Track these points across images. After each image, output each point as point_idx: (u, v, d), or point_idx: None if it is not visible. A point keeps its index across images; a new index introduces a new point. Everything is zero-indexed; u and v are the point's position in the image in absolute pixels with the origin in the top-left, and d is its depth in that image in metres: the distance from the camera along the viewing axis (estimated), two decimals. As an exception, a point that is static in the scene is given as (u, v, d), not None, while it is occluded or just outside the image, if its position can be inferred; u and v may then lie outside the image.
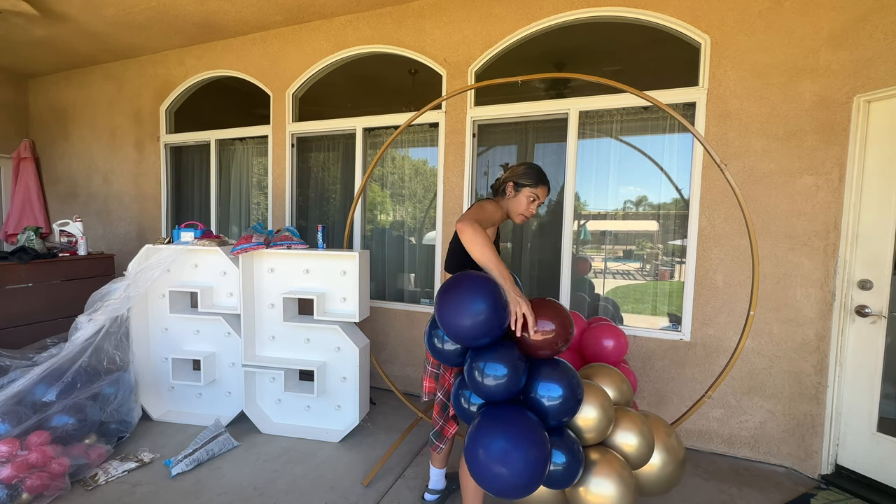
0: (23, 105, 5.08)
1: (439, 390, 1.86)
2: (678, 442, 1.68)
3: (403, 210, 3.68)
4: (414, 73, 3.51)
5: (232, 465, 2.46)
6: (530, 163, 1.90)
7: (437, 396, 1.87)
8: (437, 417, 1.87)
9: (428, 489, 2.17)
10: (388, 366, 3.49)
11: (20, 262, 3.11)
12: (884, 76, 2.18)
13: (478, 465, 1.36)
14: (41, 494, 2.08)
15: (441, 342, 1.65)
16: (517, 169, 1.86)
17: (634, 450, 1.57)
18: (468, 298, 1.41)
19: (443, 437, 1.86)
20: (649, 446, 1.59)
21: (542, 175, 1.86)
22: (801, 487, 2.35)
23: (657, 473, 1.63)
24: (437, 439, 1.88)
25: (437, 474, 2.15)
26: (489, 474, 1.34)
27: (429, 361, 1.91)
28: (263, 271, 2.85)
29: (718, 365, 2.63)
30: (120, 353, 2.72)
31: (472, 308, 1.39)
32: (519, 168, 1.86)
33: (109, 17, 3.53)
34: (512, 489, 1.34)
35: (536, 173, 1.85)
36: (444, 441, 1.88)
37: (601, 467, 1.50)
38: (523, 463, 1.31)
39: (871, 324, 2.26)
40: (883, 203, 2.21)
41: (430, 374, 1.91)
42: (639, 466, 1.60)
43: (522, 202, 1.84)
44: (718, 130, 2.58)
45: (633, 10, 2.72)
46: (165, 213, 4.40)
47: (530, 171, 1.85)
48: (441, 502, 2.16)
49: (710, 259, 2.65)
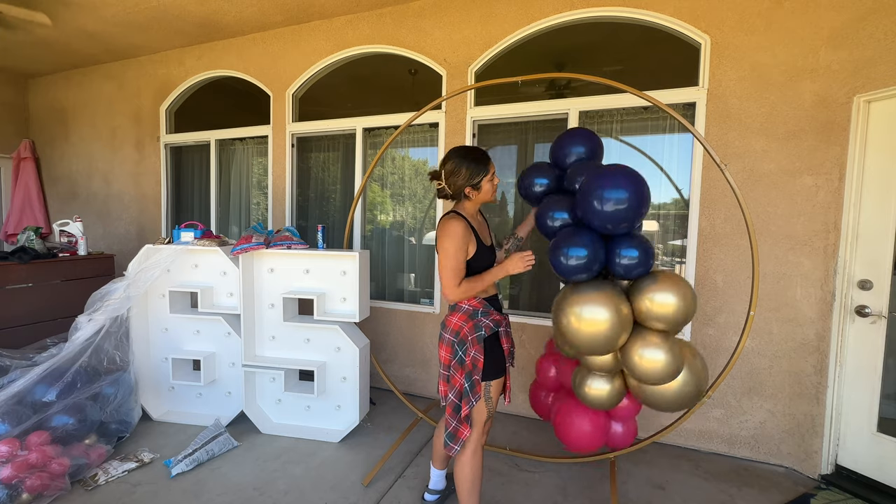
0: (23, 105, 5.08)
1: (450, 391, 1.83)
2: (703, 364, 1.93)
3: (403, 210, 3.68)
4: (414, 73, 3.51)
5: (232, 465, 2.46)
6: (458, 155, 1.81)
7: (449, 398, 1.83)
8: (449, 419, 1.83)
9: (428, 489, 2.17)
10: (388, 366, 3.49)
11: (20, 262, 3.12)
12: (884, 76, 2.18)
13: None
14: (41, 494, 2.08)
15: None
16: (459, 171, 1.79)
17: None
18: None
19: (457, 439, 1.81)
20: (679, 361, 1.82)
21: (478, 155, 1.82)
22: (801, 487, 2.35)
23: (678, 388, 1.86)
24: (451, 441, 1.83)
25: (438, 475, 2.16)
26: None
27: (441, 364, 1.87)
28: (263, 271, 2.85)
29: (718, 365, 2.63)
30: (120, 353, 2.72)
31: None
32: (459, 169, 1.79)
33: (109, 17, 3.53)
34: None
35: (476, 161, 1.80)
36: (459, 443, 1.81)
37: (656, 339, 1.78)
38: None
39: (871, 324, 2.26)
40: (883, 203, 2.21)
41: (442, 378, 1.87)
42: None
43: (487, 190, 1.85)
44: (718, 130, 2.58)
45: (633, 10, 2.72)
46: (165, 213, 4.40)
47: (471, 164, 1.78)
48: (441, 503, 2.17)
49: (710, 259, 2.65)
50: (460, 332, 1.80)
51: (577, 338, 1.80)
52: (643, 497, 2.26)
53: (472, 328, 1.81)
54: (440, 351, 1.87)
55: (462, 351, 1.80)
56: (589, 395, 2.01)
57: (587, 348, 1.81)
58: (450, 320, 1.86)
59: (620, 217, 1.71)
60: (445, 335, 1.85)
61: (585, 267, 1.79)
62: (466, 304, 1.85)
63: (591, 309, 1.76)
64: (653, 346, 1.78)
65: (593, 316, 1.75)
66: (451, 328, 1.84)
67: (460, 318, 1.83)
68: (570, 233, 1.84)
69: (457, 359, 1.81)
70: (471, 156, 1.81)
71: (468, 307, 1.84)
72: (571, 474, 2.43)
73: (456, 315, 1.84)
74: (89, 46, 4.13)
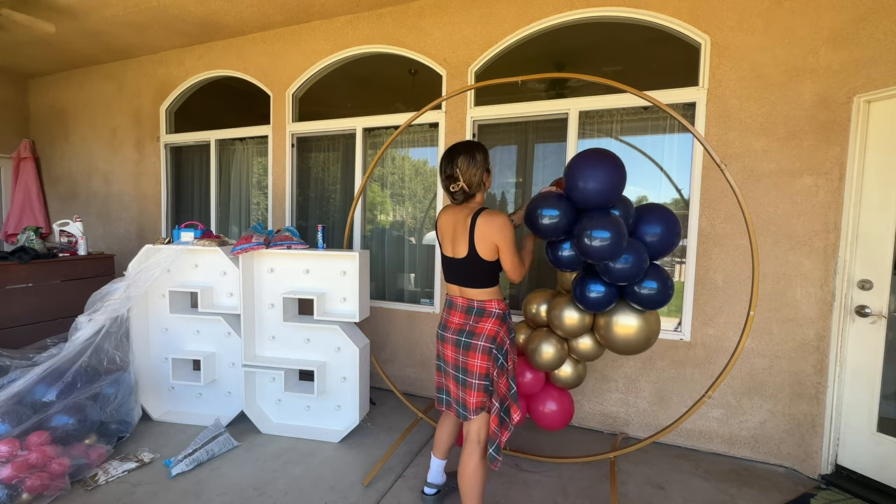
0: (23, 105, 5.08)
1: (495, 399, 1.73)
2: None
3: (403, 210, 3.68)
4: (414, 73, 3.51)
5: (232, 465, 2.46)
6: (462, 151, 1.79)
7: (494, 406, 1.72)
8: (495, 430, 1.73)
9: (427, 483, 2.17)
10: (388, 366, 3.49)
11: (20, 262, 3.12)
12: (884, 76, 2.18)
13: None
14: (41, 494, 2.08)
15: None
16: (475, 161, 1.78)
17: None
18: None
19: (501, 450, 1.76)
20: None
21: (473, 143, 1.86)
22: (801, 487, 2.35)
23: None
24: (497, 453, 1.74)
25: (439, 466, 2.13)
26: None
27: (473, 374, 1.73)
28: (263, 271, 2.85)
29: (718, 365, 2.63)
30: (120, 353, 2.72)
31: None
32: (474, 160, 1.78)
33: (109, 17, 3.53)
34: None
35: (477, 147, 1.82)
36: (500, 452, 1.76)
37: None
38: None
39: (871, 324, 2.26)
40: (883, 203, 2.21)
41: (476, 388, 1.73)
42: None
43: (489, 179, 1.90)
44: (718, 130, 2.58)
45: (633, 10, 2.72)
46: (165, 213, 4.40)
47: (478, 151, 1.80)
48: (440, 499, 2.16)
49: (710, 259, 2.65)
50: (497, 338, 1.74)
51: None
52: (643, 497, 2.26)
53: (507, 331, 1.79)
54: (472, 360, 1.73)
55: (503, 356, 1.75)
56: (542, 360, 2.23)
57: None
58: (481, 327, 1.75)
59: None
60: (479, 343, 1.73)
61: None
62: (496, 307, 1.79)
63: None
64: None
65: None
66: (486, 335, 1.73)
67: (494, 322, 1.76)
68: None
69: (498, 365, 1.74)
70: (470, 145, 1.81)
71: (498, 311, 1.79)
72: (571, 474, 2.43)
73: (489, 321, 1.76)
74: (89, 46, 4.13)
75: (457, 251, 1.82)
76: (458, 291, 1.88)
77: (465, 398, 1.76)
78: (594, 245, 1.77)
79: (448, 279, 1.92)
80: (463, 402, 1.77)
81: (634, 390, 2.84)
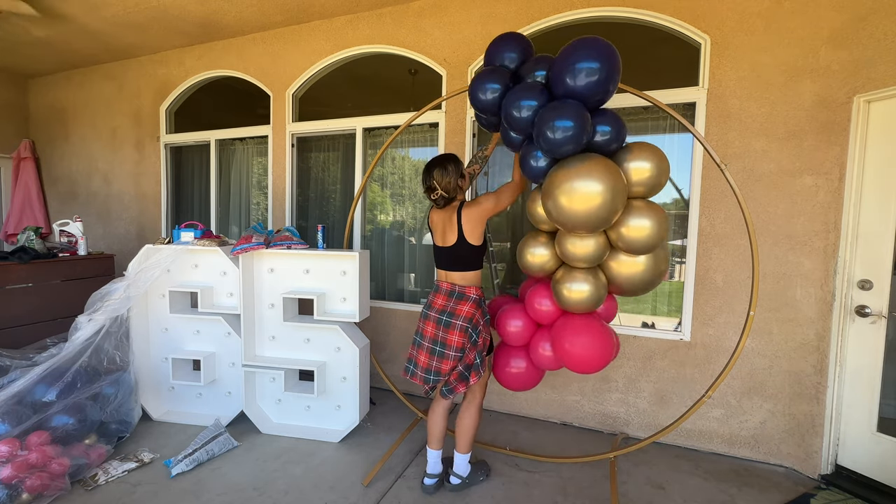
0: (23, 105, 5.08)
1: (460, 365, 2.09)
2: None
3: (403, 210, 3.68)
4: (414, 73, 3.51)
5: (232, 465, 2.46)
6: (436, 165, 2.12)
7: (458, 369, 2.09)
8: (453, 382, 2.10)
9: (427, 474, 2.27)
10: (388, 366, 3.49)
11: (20, 262, 3.12)
12: (884, 76, 2.18)
13: None
14: (41, 494, 2.08)
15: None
16: (447, 171, 2.10)
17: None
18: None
19: (454, 393, 2.12)
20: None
21: (446, 155, 2.17)
22: (801, 487, 2.35)
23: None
24: (449, 393, 2.13)
25: (435, 457, 2.26)
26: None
27: (450, 347, 2.07)
28: (263, 271, 2.85)
29: (718, 365, 2.63)
30: (120, 353, 2.72)
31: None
32: (447, 170, 2.10)
33: (109, 17, 3.53)
34: None
35: (449, 159, 2.15)
36: (454, 395, 2.14)
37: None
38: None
39: (871, 324, 2.26)
40: (883, 203, 2.21)
41: (448, 358, 2.08)
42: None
43: (466, 175, 2.20)
44: (718, 130, 2.58)
45: (633, 9, 2.72)
46: (165, 213, 4.40)
47: (450, 162, 2.13)
48: (439, 486, 2.26)
49: (710, 259, 2.65)
50: (473, 319, 2.08)
51: (571, 216, 1.78)
52: (643, 497, 2.26)
53: (482, 314, 2.13)
54: (451, 336, 2.06)
55: (476, 333, 2.08)
56: (571, 298, 1.99)
57: (580, 224, 1.79)
58: (460, 309, 2.08)
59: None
60: (458, 322, 2.06)
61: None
62: (474, 293, 2.12)
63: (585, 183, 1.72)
64: (637, 212, 1.83)
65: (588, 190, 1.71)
66: (464, 316, 2.07)
67: (471, 306, 2.09)
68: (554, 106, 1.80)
69: (472, 341, 2.08)
70: (442, 159, 2.14)
71: (475, 297, 2.12)
72: (571, 474, 2.43)
73: (466, 304, 2.09)
74: (89, 46, 4.13)
75: (446, 241, 2.14)
76: (444, 276, 2.19)
77: (438, 366, 2.10)
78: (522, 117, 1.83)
79: (437, 265, 2.25)
80: (436, 369, 2.10)
81: (634, 390, 2.84)
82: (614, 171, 1.74)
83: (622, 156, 1.86)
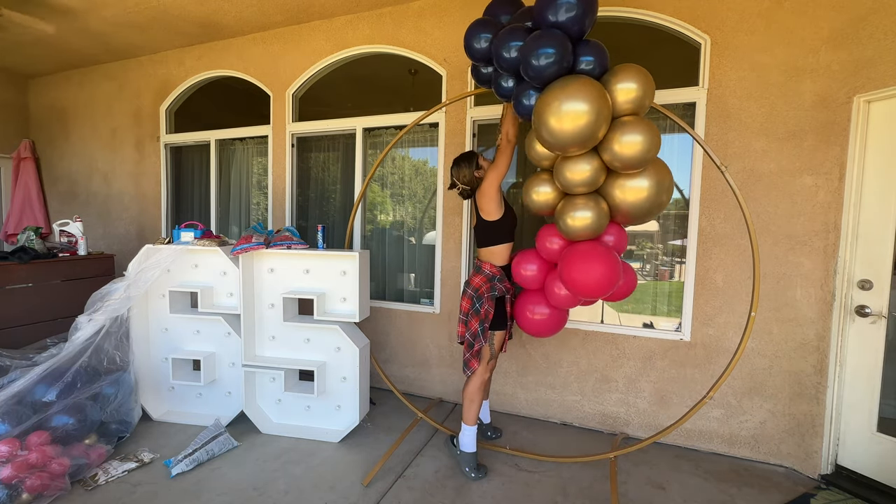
0: (23, 105, 5.08)
1: (467, 332, 2.35)
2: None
3: (403, 210, 3.68)
4: (414, 74, 3.51)
5: (232, 465, 2.46)
6: (453, 165, 2.47)
7: (466, 336, 2.36)
8: (465, 352, 2.36)
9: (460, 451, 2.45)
10: (388, 366, 3.49)
11: (20, 262, 3.12)
12: (884, 76, 2.18)
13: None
14: (41, 494, 2.08)
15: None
16: (461, 167, 2.44)
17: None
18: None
19: (469, 368, 2.35)
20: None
21: (460, 154, 2.51)
22: (801, 487, 2.35)
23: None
24: (466, 368, 2.36)
25: (469, 434, 2.41)
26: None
27: (461, 312, 2.38)
28: (263, 271, 2.85)
29: (719, 365, 2.63)
30: (120, 353, 2.72)
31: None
32: (461, 166, 2.43)
33: (109, 17, 3.53)
34: None
35: (462, 156, 2.48)
36: (470, 370, 2.35)
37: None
38: None
39: (871, 324, 2.26)
40: (883, 203, 2.22)
41: (461, 322, 2.39)
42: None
43: (484, 166, 2.42)
44: (718, 130, 2.58)
45: (633, 9, 2.72)
46: (165, 213, 4.40)
47: (462, 159, 2.46)
48: (483, 433, 2.69)
49: (710, 259, 2.65)
50: (479, 290, 2.32)
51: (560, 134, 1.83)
52: (643, 497, 2.26)
53: (489, 289, 2.32)
54: (462, 301, 2.40)
55: (479, 304, 2.30)
56: (574, 226, 2.07)
57: (570, 141, 1.84)
58: (474, 280, 2.36)
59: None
60: (468, 290, 2.36)
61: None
62: (489, 269, 2.35)
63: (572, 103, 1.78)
64: (628, 127, 1.84)
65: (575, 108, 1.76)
66: (473, 286, 2.35)
67: (482, 279, 2.34)
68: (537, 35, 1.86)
69: (473, 309, 2.32)
70: (458, 158, 2.48)
71: (489, 272, 2.35)
72: (571, 474, 2.43)
73: (479, 277, 2.35)
74: (89, 46, 4.13)
75: (473, 223, 2.64)
76: (477, 253, 2.49)
77: (458, 329, 2.43)
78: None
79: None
80: (459, 333, 2.42)
81: (634, 390, 2.84)
82: (594, 84, 1.81)
83: (609, 78, 1.91)
